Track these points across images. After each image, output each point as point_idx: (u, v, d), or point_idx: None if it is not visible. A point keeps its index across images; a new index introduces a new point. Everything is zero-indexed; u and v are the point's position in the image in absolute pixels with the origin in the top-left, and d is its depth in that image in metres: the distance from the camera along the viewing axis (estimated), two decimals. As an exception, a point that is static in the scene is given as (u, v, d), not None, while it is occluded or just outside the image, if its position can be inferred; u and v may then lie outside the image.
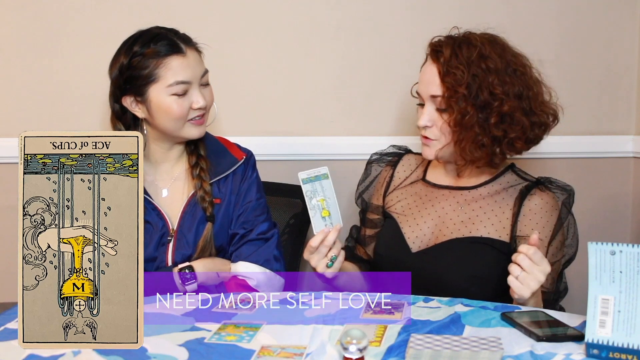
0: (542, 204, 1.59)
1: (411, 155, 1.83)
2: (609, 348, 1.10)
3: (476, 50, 1.58)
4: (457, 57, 1.57)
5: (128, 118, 1.70)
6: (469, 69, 1.56)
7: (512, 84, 1.57)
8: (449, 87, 1.56)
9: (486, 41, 1.61)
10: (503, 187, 1.66)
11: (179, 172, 1.75)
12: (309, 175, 1.56)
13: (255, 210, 1.75)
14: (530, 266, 1.35)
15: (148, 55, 1.62)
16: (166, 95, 1.62)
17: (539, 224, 1.58)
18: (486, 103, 1.55)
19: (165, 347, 1.17)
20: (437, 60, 1.60)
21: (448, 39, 1.63)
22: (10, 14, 2.12)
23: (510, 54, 1.62)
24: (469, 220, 1.64)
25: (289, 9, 2.18)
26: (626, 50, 2.26)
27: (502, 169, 1.69)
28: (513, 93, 1.56)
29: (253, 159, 1.80)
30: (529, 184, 1.64)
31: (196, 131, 1.68)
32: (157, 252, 1.67)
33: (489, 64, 1.57)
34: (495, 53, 1.59)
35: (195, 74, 1.65)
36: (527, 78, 1.61)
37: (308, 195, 1.55)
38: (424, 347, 1.13)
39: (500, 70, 1.57)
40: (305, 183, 1.56)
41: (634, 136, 2.29)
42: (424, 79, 1.64)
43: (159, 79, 1.62)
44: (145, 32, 1.66)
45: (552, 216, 1.59)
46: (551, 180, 1.65)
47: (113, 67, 1.67)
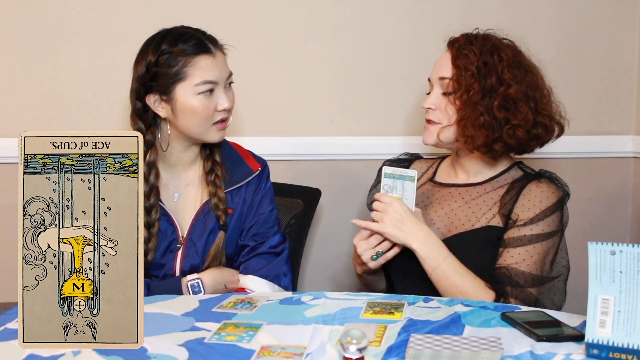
0: (537, 191, 1.61)
1: (422, 160, 1.86)
2: (609, 348, 1.10)
3: (491, 42, 1.64)
4: (472, 43, 1.63)
5: (149, 117, 1.67)
6: (481, 56, 1.61)
7: (521, 77, 1.61)
8: (459, 67, 1.61)
9: (503, 41, 1.67)
10: (508, 181, 1.67)
11: (192, 177, 1.72)
12: (394, 172, 1.60)
13: (267, 223, 1.73)
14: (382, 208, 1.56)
15: (176, 53, 1.60)
16: (192, 94, 1.61)
17: (527, 206, 1.59)
18: (493, 87, 1.59)
19: (165, 347, 1.17)
20: (452, 47, 1.66)
21: (465, 34, 1.69)
22: (10, 14, 2.12)
23: (525, 58, 1.67)
24: (473, 214, 1.65)
25: (289, 9, 2.18)
26: (626, 50, 2.27)
27: (509, 165, 1.70)
28: (521, 84, 1.60)
29: (267, 170, 1.78)
30: (529, 175, 1.67)
31: (218, 135, 1.67)
32: (164, 258, 1.65)
33: (501, 54, 1.62)
34: (510, 50, 1.65)
35: (222, 74, 1.65)
36: (537, 80, 1.65)
37: (385, 189, 1.60)
38: (424, 347, 1.14)
39: (512, 63, 1.62)
40: (386, 177, 1.60)
41: (634, 136, 2.29)
42: (436, 64, 1.69)
43: (187, 77, 1.60)
44: (172, 31, 1.65)
45: (542, 202, 1.59)
46: (552, 175, 1.66)
47: (139, 64, 1.64)
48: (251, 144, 1.89)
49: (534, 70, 1.66)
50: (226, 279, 1.65)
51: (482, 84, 1.59)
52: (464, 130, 1.61)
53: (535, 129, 1.61)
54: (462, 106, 1.61)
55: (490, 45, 1.63)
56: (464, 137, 1.62)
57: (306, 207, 2.02)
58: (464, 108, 1.60)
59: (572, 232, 1.74)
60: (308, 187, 2.06)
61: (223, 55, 1.68)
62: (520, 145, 1.63)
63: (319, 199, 2.05)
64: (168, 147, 1.69)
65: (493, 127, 1.59)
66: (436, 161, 1.84)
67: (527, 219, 1.58)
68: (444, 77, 1.64)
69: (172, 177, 1.72)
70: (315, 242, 2.27)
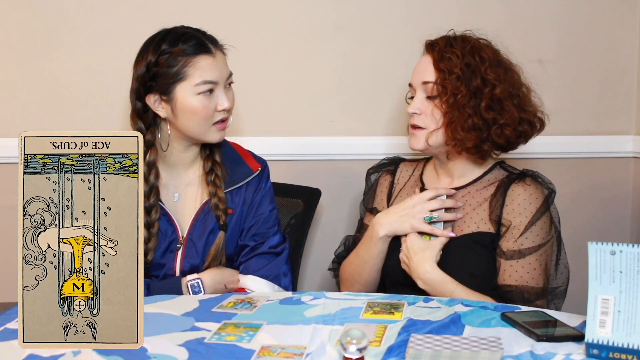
0: (525, 194, 1.61)
1: (406, 162, 1.86)
2: (609, 348, 1.10)
3: (470, 43, 1.64)
4: (452, 46, 1.63)
5: (149, 117, 1.67)
6: (463, 58, 1.61)
7: (503, 76, 1.62)
8: (442, 70, 1.61)
9: (480, 41, 1.67)
10: (491, 182, 1.68)
11: (192, 177, 1.72)
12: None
13: (267, 223, 1.73)
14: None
15: (176, 53, 1.60)
16: (192, 94, 1.61)
17: (519, 213, 1.60)
18: (478, 88, 1.60)
19: (165, 347, 1.17)
20: (432, 50, 1.66)
21: (443, 36, 1.69)
22: (10, 14, 2.12)
23: (503, 56, 1.68)
24: (460, 219, 1.65)
25: (289, 9, 2.18)
26: (626, 50, 2.26)
27: (491, 165, 1.70)
28: (504, 83, 1.61)
29: (267, 170, 1.78)
30: (512, 175, 1.67)
31: (218, 135, 1.67)
32: (164, 258, 1.65)
33: (482, 54, 1.63)
34: (489, 49, 1.66)
35: (222, 74, 1.65)
36: (517, 78, 1.66)
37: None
38: (424, 347, 1.13)
39: (493, 63, 1.63)
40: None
41: (634, 136, 2.29)
42: (417, 69, 1.69)
43: (187, 77, 1.60)
44: (172, 31, 1.65)
45: (532, 204, 1.60)
46: (535, 174, 1.66)
47: (139, 64, 1.64)
48: (251, 144, 1.88)
49: (513, 67, 1.67)
50: (226, 279, 1.65)
51: (468, 86, 1.59)
52: (454, 134, 1.60)
53: (521, 126, 1.62)
54: (450, 109, 1.60)
55: (470, 46, 1.63)
56: (454, 140, 1.62)
57: (306, 207, 2.02)
58: (452, 111, 1.60)
59: (572, 232, 1.75)
60: (308, 187, 2.06)
61: (223, 55, 1.68)
62: (508, 144, 1.64)
63: (319, 199, 2.05)
64: (168, 147, 1.69)
65: (481, 128, 1.59)
66: (420, 163, 1.83)
67: (521, 227, 1.58)
68: (427, 81, 1.63)
69: (172, 177, 1.72)
70: (315, 242, 2.27)
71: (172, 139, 1.69)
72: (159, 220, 1.64)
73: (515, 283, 1.57)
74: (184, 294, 1.59)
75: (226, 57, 1.69)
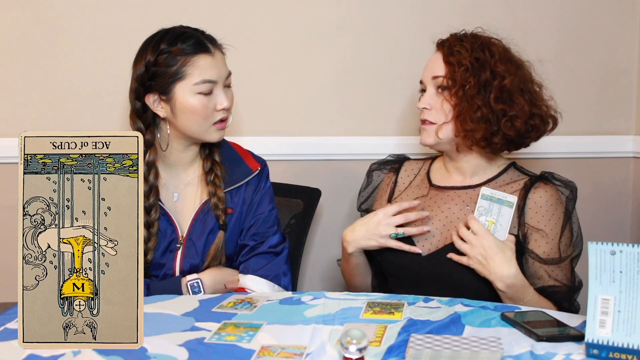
0: (547, 197, 1.61)
1: (412, 161, 1.85)
2: (609, 348, 1.10)
3: (480, 39, 1.65)
4: (462, 41, 1.65)
5: (148, 116, 1.67)
6: (472, 52, 1.62)
7: (514, 71, 1.62)
8: (452, 64, 1.62)
9: (491, 37, 1.68)
10: (506, 182, 1.67)
11: (191, 177, 1.72)
12: (492, 194, 1.58)
13: (266, 222, 1.73)
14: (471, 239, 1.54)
15: (175, 53, 1.60)
16: (192, 94, 1.61)
17: (545, 217, 1.60)
18: (487, 81, 1.60)
19: (165, 347, 1.17)
20: (442, 47, 1.67)
21: (453, 34, 1.70)
22: (10, 14, 2.12)
23: (514, 54, 1.68)
24: None
25: (289, 9, 2.18)
26: (626, 50, 2.27)
27: (504, 167, 1.70)
28: (514, 77, 1.61)
29: (267, 169, 1.78)
30: (532, 178, 1.67)
31: (218, 135, 1.67)
32: (164, 258, 1.65)
33: (492, 49, 1.64)
34: (500, 46, 1.67)
35: (221, 74, 1.65)
36: (529, 75, 1.66)
37: (479, 210, 1.58)
38: (424, 347, 1.13)
39: (503, 58, 1.63)
40: (483, 198, 1.58)
41: (634, 136, 2.29)
42: (427, 66, 1.70)
43: (186, 76, 1.60)
44: (171, 30, 1.65)
45: (558, 210, 1.61)
46: (554, 175, 1.67)
47: (138, 63, 1.64)
48: (251, 144, 1.89)
49: (524, 64, 1.67)
50: (226, 279, 1.65)
51: (477, 78, 1.60)
52: (463, 125, 1.60)
53: (532, 120, 1.62)
54: (459, 101, 1.61)
55: (480, 42, 1.64)
56: (464, 132, 1.61)
57: (306, 207, 2.02)
58: (461, 103, 1.60)
59: (572, 232, 1.75)
60: (308, 187, 2.06)
61: (222, 54, 1.68)
62: (519, 137, 1.63)
63: (319, 199, 2.05)
64: (167, 147, 1.69)
65: (491, 119, 1.59)
66: (426, 161, 1.82)
67: (550, 232, 1.59)
68: (437, 75, 1.64)
69: (171, 176, 1.72)
70: (315, 242, 2.27)
71: (172, 139, 1.68)
72: (158, 220, 1.64)
73: (556, 283, 1.59)
74: (184, 293, 1.59)
75: (225, 56, 1.69)
